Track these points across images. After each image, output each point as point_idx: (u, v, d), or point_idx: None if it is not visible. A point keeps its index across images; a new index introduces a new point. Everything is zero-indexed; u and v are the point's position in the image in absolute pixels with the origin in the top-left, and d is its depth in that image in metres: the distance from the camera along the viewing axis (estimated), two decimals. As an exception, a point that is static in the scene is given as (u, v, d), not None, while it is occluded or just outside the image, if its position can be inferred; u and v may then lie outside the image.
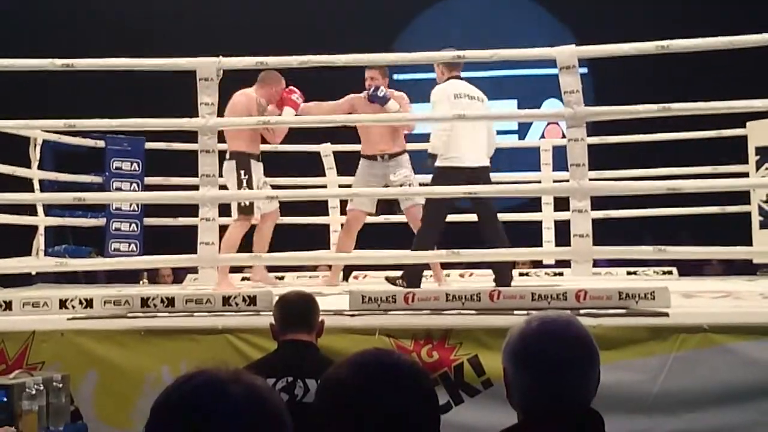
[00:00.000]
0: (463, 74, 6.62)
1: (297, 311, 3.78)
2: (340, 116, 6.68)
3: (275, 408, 1.44)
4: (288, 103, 6.76)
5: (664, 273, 7.70)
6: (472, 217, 6.53)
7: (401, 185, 6.85)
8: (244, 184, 6.59)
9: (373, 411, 1.76)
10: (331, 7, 12.33)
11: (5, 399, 4.11)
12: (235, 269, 7.88)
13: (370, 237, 7.44)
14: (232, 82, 6.26)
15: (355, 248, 7.33)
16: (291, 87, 6.86)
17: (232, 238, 6.57)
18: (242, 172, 6.61)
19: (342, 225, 7.51)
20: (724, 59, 6.72)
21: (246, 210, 6.61)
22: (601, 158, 7.12)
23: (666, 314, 4.49)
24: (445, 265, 7.19)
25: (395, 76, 10.98)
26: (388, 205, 7.27)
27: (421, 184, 6.96)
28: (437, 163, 6.35)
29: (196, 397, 1.41)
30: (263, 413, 1.42)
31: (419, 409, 1.79)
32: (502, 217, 8.61)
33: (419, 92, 7.25)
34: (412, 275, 6.34)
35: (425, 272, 6.77)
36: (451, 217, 6.58)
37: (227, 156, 6.72)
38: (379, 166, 7.04)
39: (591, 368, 2.14)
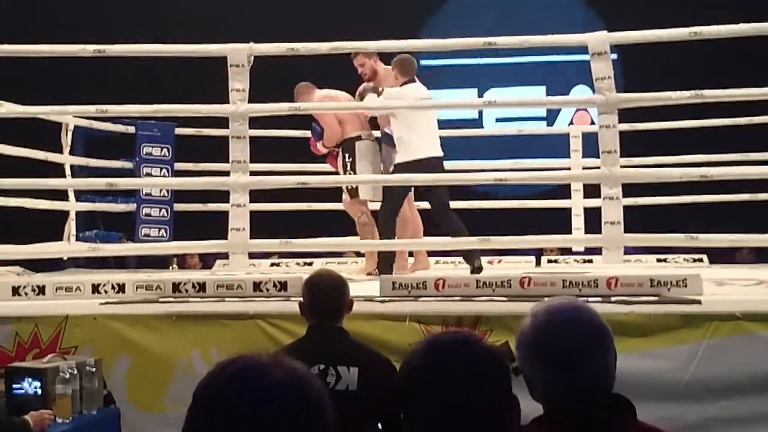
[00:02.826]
0: (492, 60, 6.67)
1: (328, 295, 3.71)
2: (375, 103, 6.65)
3: (316, 391, 1.45)
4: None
5: (695, 260, 7.66)
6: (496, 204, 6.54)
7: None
8: (348, 167, 6.78)
9: (450, 393, 1.80)
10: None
11: (39, 386, 4.16)
12: (262, 255, 7.93)
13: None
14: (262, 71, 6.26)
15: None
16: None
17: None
18: (347, 155, 6.80)
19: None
20: (756, 46, 6.67)
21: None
22: (631, 145, 7.08)
23: (698, 302, 4.47)
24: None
25: (422, 62, 10.99)
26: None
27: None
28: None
29: (238, 381, 1.42)
30: (304, 397, 1.43)
31: (494, 392, 1.82)
32: (531, 204, 8.66)
33: (445, 78, 7.22)
34: (386, 263, 6.44)
35: (454, 259, 6.79)
36: (471, 204, 6.62)
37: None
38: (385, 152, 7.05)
39: (607, 351, 2.10)
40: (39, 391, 4.19)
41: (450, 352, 1.87)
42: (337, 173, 6.95)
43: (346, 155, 6.77)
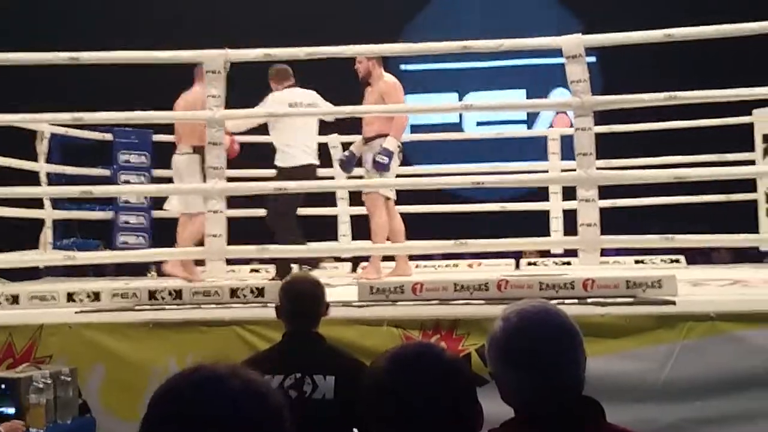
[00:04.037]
0: (472, 64, 6.67)
1: (304, 299, 3.69)
2: (347, 108, 6.64)
3: (274, 403, 1.43)
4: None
5: (672, 261, 7.70)
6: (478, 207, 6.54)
7: (367, 171, 6.86)
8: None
9: (412, 406, 1.80)
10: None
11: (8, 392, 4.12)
12: (244, 261, 7.91)
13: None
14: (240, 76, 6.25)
15: (357, 238, 7.39)
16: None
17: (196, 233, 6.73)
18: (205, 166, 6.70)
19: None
20: (732, 47, 6.70)
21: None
22: (608, 147, 7.10)
23: (673, 302, 4.49)
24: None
25: (402, 67, 11.01)
26: None
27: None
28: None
29: (193, 392, 1.39)
30: (262, 408, 1.41)
31: (459, 403, 1.82)
32: (510, 206, 8.67)
33: (425, 82, 7.21)
34: (283, 269, 6.43)
35: (435, 262, 6.79)
36: (455, 208, 6.61)
37: (188, 151, 6.84)
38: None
39: (577, 353, 2.10)
40: (12, 402, 4.15)
41: (412, 363, 1.87)
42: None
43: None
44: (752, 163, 7.48)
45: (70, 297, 5.06)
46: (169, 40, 6.33)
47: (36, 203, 7.75)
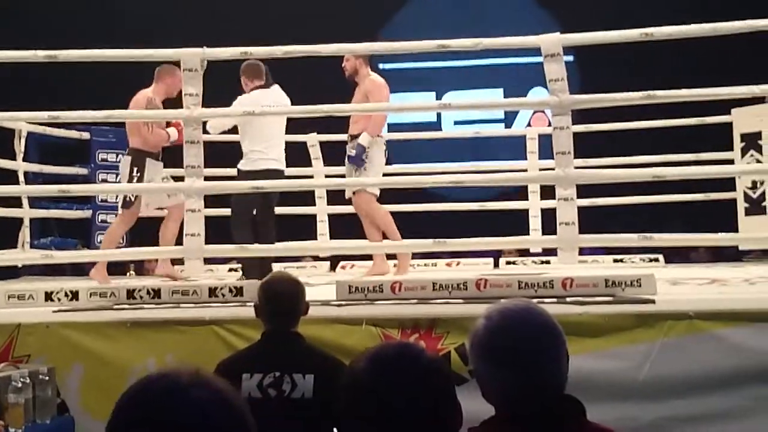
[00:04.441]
0: (451, 63, 6.68)
1: (284, 299, 3.69)
2: (325, 106, 6.62)
3: (238, 410, 1.42)
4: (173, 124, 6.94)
5: (651, 260, 7.73)
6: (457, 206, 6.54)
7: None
8: (135, 180, 6.72)
9: (392, 406, 1.79)
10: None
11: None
12: (222, 260, 7.90)
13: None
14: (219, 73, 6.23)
15: (336, 237, 7.38)
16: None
17: (114, 232, 6.86)
18: (135, 168, 6.75)
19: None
20: (710, 46, 6.73)
21: (128, 204, 6.76)
22: (587, 146, 7.12)
23: (652, 301, 4.50)
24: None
25: (380, 66, 10.99)
26: None
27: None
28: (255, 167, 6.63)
29: (157, 401, 1.38)
30: (229, 416, 1.40)
31: (438, 403, 1.82)
32: (489, 205, 8.69)
33: (403, 81, 7.20)
34: (251, 269, 6.43)
35: (413, 261, 6.80)
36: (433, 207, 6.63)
37: (125, 152, 6.91)
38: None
39: (560, 351, 2.12)
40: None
41: (394, 364, 1.86)
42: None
43: (134, 168, 6.78)
44: (731, 162, 7.51)
45: (48, 296, 5.04)
46: (149, 39, 6.28)
47: (14, 202, 7.70)
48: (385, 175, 6.97)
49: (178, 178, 6.51)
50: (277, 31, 6.84)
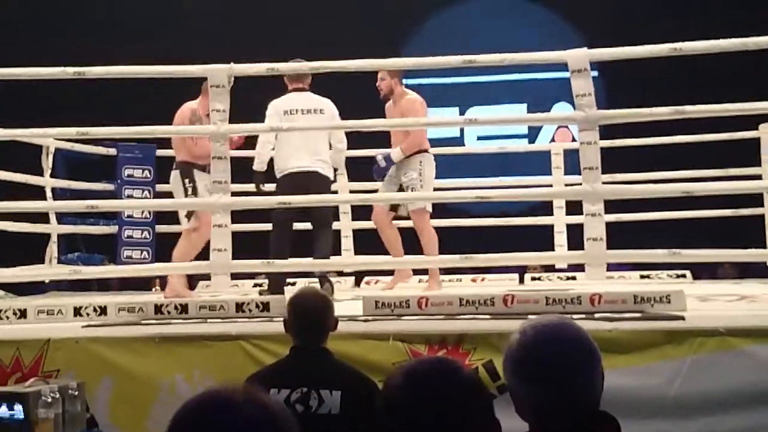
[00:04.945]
0: (473, 78, 6.68)
1: (311, 314, 3.69)
2: (349, 122, 6.65)
3: (288, 428, 1.44)
4: None
5: (678, 276, 7.68)
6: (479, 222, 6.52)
7: (406, 188, 6.85)
8: (190, 192, 6.73)
9: (421, 422, 1.79)
10: (341, 12, 12.33)
11: (21, 411, 4.11)
12: (248, 275, 7.90)
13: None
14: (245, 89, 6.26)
15: (366, 253, 7.37)
16: None
17: (184, 247, 6.76)
18: (186, 180, 6.76)
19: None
20: (738, 61, 6.70)
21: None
22: (613, 161, 7.10)
23: (682, 318, 4.47)
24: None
25: (404, 81, 10.98)
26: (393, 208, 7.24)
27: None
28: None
29: (210, 419, 1.41)
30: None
31: (471, 420, 1.81)
32: (514, 221, 8.67)
33: (426, 96, 7.20)
34: (275, 284, 6.47)
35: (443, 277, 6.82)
36: (459, 222, 6.67)
37: (175, 167, 6.92)
38: (393, 168, 7.01)
39: (594, 368, 2.11)
40: (21, 416, 4.14)
41: (428, 380, 1.85)
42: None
43: (186, 180, 6.79)
44: (759, 177, 7.47)
45: (77, 311, 5.06)
46: (174, 51, 6.33)
47: (41, 218, 7.75)
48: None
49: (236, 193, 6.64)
50: (301, 51, 6.83)
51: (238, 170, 6.20)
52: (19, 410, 4.11)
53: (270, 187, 6.87)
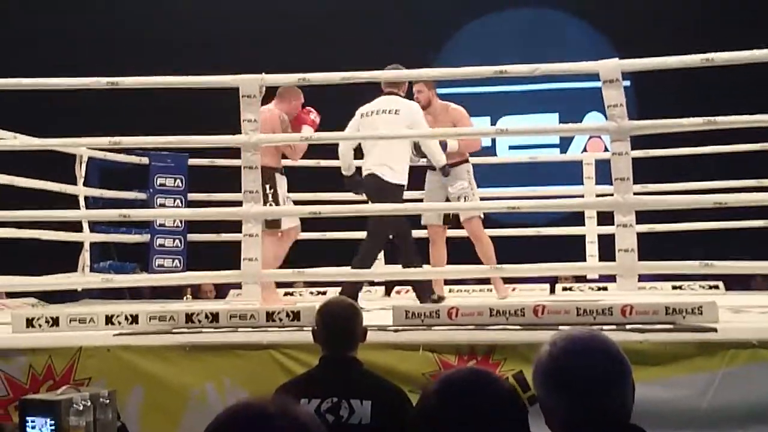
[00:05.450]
0: (504, 88, 6.74)
1: (341, 324, 3.70)
2: (399, 131, 6.64)
3: None
4: (306, 122, 6.83)
5: (711, 287, 7.62)
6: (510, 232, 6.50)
7: (458, 197, 6.89)
8: (270, 198, 6.66)
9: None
10: (375, 23, 12.36)
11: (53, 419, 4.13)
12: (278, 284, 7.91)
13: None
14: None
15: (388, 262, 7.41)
16: (308, 107, 6.90)
17: (266, 254, 6.66)
18: (267, 186, 6.65)
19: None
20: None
21: (272, 224, 6.68)
22: (644, 171, 7.06)
23: (714, 329, 4.43)
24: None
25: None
26: (446, 217, 7.24)
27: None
28: None
29: (244, 431, 1.42)
30: None
31: (509, 430, 1.82)
32: (545, 231, 8.64)
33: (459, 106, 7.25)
34: (350, 292, 6.38)
35: (468, 287, 6.80)
36: (490, 233, 6.74)
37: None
38: (439, 177, 7.05)
39: (625, 380, 2.11)
40: (53, 424, 4.17)
41: (464, 391, 1.86)
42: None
43: (267, 186, 6.67)
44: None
45: (109, 319, 5.09)
46: (206, 61, 6.37)
47: (74, 226, 7.81)
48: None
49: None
50: (331, 60, 6.86)
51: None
52: (50, 419, 4.14)
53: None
